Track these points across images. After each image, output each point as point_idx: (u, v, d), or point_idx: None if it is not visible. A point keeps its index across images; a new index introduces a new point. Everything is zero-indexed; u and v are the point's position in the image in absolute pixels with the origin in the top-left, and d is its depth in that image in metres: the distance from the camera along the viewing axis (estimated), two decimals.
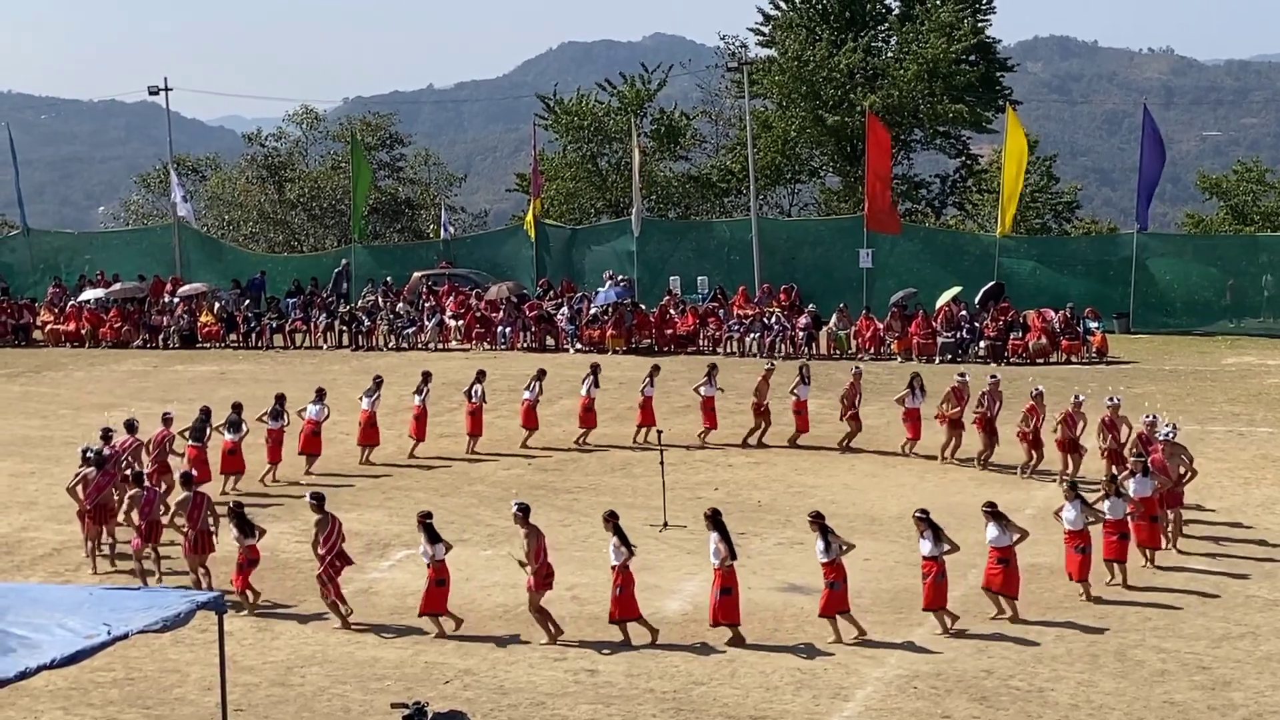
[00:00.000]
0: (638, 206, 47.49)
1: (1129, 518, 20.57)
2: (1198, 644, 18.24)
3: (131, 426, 25.30)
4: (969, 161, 58.26)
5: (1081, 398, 26.41)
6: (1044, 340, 38.75)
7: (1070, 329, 39.21)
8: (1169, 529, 22.17)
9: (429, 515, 19.21)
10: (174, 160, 58.45)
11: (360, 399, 28.89)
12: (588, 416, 29.79)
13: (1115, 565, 20.39)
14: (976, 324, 39.94)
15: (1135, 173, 46.97)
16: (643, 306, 43.09)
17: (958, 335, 39.56)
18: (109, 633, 12.99)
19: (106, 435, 24.79)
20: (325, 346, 43.78)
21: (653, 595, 19.98)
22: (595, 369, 30.41)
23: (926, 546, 18.61)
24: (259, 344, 44.23)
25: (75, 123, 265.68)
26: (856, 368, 30.35)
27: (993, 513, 19.13)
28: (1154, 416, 24.92)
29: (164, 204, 61.33)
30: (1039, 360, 38.20)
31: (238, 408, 26.91)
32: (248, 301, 46.37)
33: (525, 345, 42.21)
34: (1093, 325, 39.71)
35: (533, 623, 18.84)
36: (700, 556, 19.38)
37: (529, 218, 49.47)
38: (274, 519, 24.08)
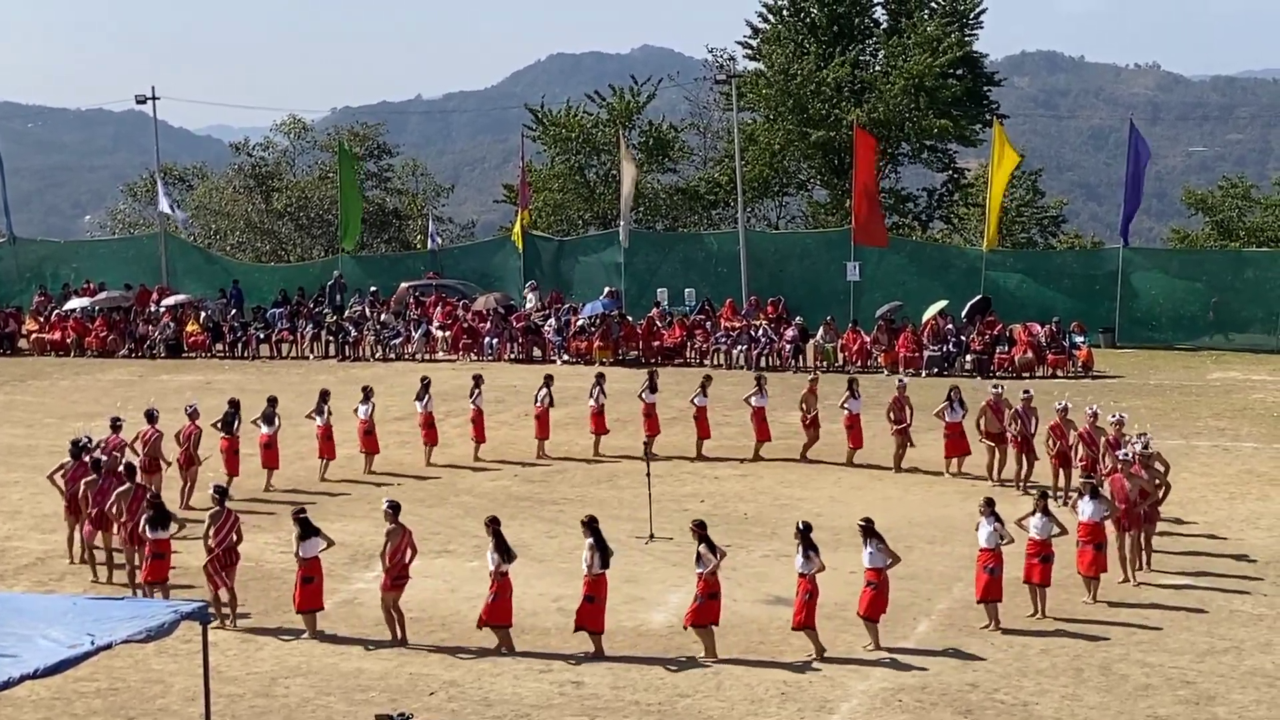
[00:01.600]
0: (625, 218, 47.50)
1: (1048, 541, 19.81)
2: (1182, 658, 18.26)
3: (151, 416, 25.87)
4: (956, 175, 58.35)
5: (1066, 404, 26.09)
6: (1030, 354, 38.80)
7: (1056, 343, 39.27)
8: (1143, 548, 21.90)
9: (302, 510, 19.58)
10: (161, 169, 58.35)
11: (355, 410, 28.88)
12: (598, 423, 29.77)
13: (1035, 589, 19.68)
14: (963, 337, 39.99)
15: (1121, 188, 47.06)
16: (629, 318, 43.11)
17: (944, 349, 39.60)
18: (92, 642, 12.96)
19: (115, 424, 25.31)
20: (311, 357, 43.71)
21: (637, 608, 19.99)
22: (601, 378, 30.44)
23: (867, 554, 18.57)
24: (245, 354, 44.17)
25: (62, 131, 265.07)
26: (901, 380, 29.51)
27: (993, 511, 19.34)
28: (1121, 416, 24.79)
29: (151, 213, 61.21)
30: (1025, 374, 38.21)
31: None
32: (234, 311, 46.28)
33: (512, 356, 42.18)
34: (1078, 339, 39.76)
35: (519, 633, 18.81)
36: (685, 569, 19.37)
37: (516, 229, 49.47)
38: (258, 529, 24.03)
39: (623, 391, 32.31)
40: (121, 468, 22.32)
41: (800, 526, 18.68)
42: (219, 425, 26.83)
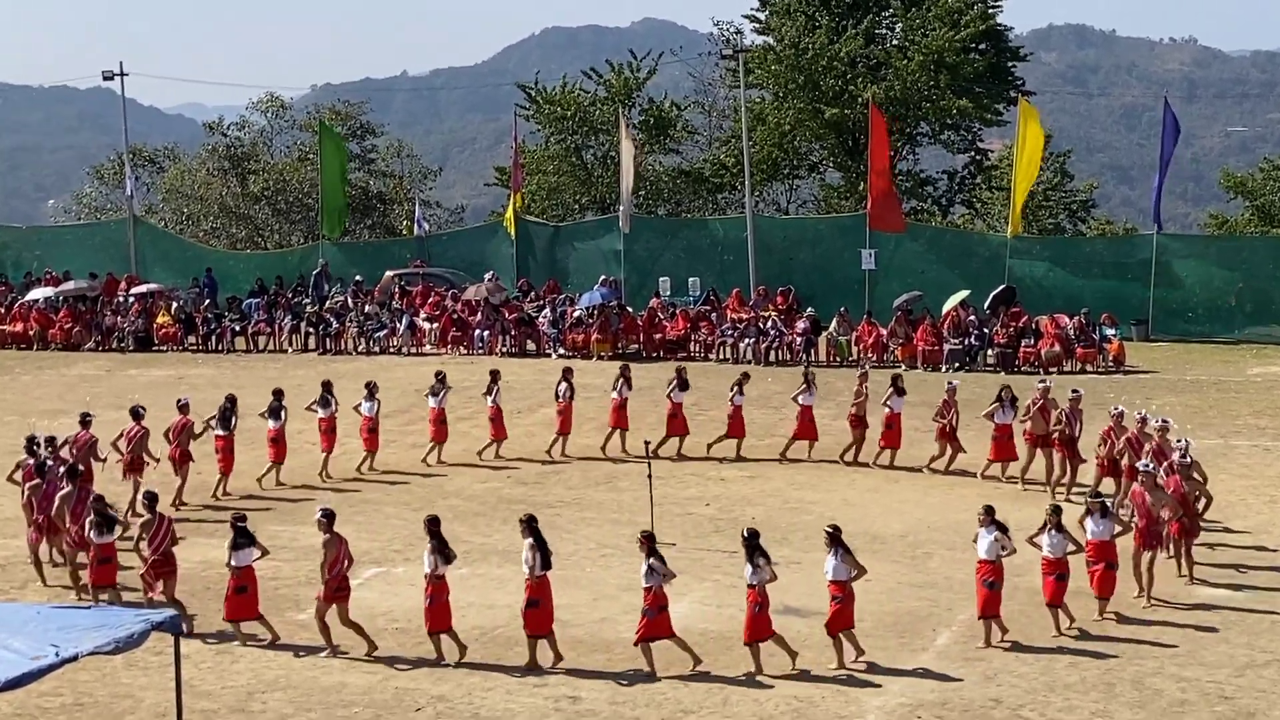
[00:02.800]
0: (626, 202, 47.49)
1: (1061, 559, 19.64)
2: (1220, 672, 18.26)
3: (137, 414, 26.25)
4: (978, 157, 58.36)
5: (1121, 410, 25.60)
6: (1057, 348, 38.78)
7: (1085, 336, 39.26)
8: (1183, 559, 21.83)
9: (242, 518, 19.74)
10: (130, 150, 58.35)
11: (358, 406, 29.02)
12: (619, 417, 29.75)
13: (1056, 610, 19.56)
14: (986, 330, 39.98)
15: (1155, 170, 47.09)
16: (630, 309, 43.08)
17: (965, 342, 39.60)
18: (57, 654, 12.97)
19: (85, 420, 25.64)
20: (290, 350, 43.71)
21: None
22: (626, 369, 30.44)
23: (830, 564, 18.50)
24: (219, 347, 44.15)
25: (24, 110, 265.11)
26: (951, 383, 28.76)
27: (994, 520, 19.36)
28: (1144, 414, 24.68)
29: (118, 197, 61.25)
30: (1051, 369, 38.18)
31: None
32: (207, 302, 46.28)
33: (504, 349, 42.18)
34: (1109, 332, 39.76)
35: (511, 644, 18.83)
36: (690, 576, 19.40)
37: (509, 214, 49.48)
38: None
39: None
40: (63, 470, 22.50)
41: (745, 534, 18.61)
42: (213, 422, 27.09)
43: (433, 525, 19.05)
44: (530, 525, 18.83)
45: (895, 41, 55.29)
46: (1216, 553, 23.09)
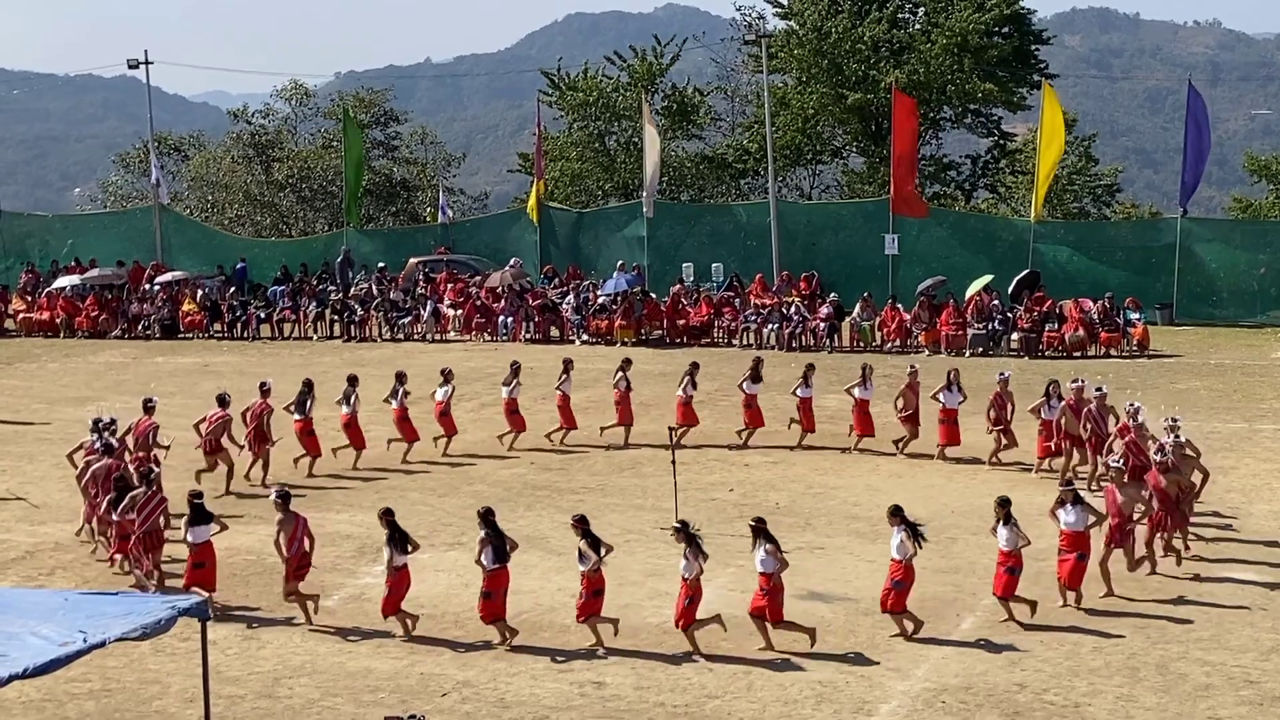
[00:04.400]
0: (650, 188, 47.46)
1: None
2: (1245, 656, 18.21)
3: (223, 400, 26.58)
4: (1001, 141, 58.18)
5: (1138, 405, 24.95)
6: (1081, 332, 38.68)
7: (1109, 320, 39.14)
8: (1176, 544, 21.64)
9: (199, 495, 20.22)
10: (155, 138, 58.50)
11: (433, 393, 29.17)
12: (687, 413, 29.46)
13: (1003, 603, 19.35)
14: (1009, 315, 39.89)
15: (1179, 154, 46.86)
16: (653, 295, 43.06)
17: (989, 327, 39.51)
18: (85, 640, 13.02)
19: (148, 405, 25.93)
20: (315, 337, 43.83)
21: (663, 603, 19.98)
22: (694, 367, 30.14)
23: (759, 557, 18.46)
24: (244, 334, 44.29)
25: (50, 99, 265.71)
26: (1003, 374, 28.01)
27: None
28: (1136, 405, 24.42)
29: (144, 185, 61.42)
30: (1076, 354, 38.14)
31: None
32: (233, 289, 46.38)
33: (528, 336, 42.22)
34: (1133, 316, 39.63)
35: (537, 630, 18.87)
36: (714, 561, 19.37)
37: (532, 201, 49.48)
38: (260, 520, 24.11)
39: (647, 374, 32.34)
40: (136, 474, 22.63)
41: (677, 524, 18.66)
42: (291, 407, 27.52)
43: (387, 516, 19.30)
44: (486, 519, 19.07)
45: (918, 25, 55.14)
46: (1240, 535, 23.02)
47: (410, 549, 19.26)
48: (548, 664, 18.24)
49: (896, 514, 18.92)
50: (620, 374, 29.74)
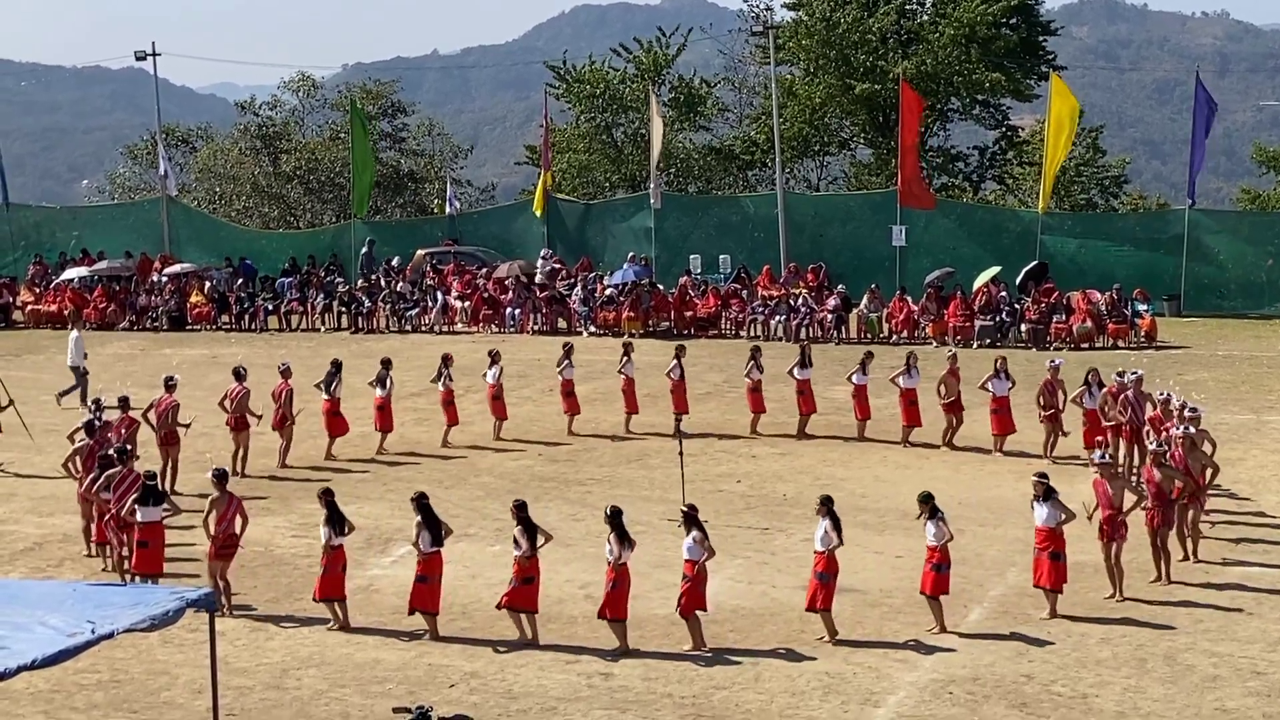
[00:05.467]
0: (656, 179, 47.44)
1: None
2: (1252, 648, 18.20)
3: (239, 374, 27.21)
4: (1009, 133, 58.07)
5: (1168, 394, 24.77)
6: (1089, 324, 38.64)
7: (1117, 311, 39.10)
8: (1189, 535, 21.54)
9: (152, 475, 20.92)
10: (163, 130, 58.49)
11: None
12: (757, 400, 29.55)
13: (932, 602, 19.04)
14: (1017, 306, 39.86)
15: (1187, 145, 46.79)
16: (660, 287, 43.04)
17: (997, 318, 39.48)
18: (93, 631, 13.01)
19: (169, 383, 26.48)
20: (323, 329, 43.86)
21: (671, 594, 19.95)
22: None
23: (686, 544, 18.41)
24: (252, 326, 44.32)
25: (57, 91, 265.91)
26: (1055, 362, 27.79)
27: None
28: (1168, 394, 24.38)
29: (152, 177, 61.39)
30: (1083, 345, 38.10)
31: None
32: (240, 281, 46.39)
33: (536, 328, 42.22)
34: (1141, 307, 39.58)
35: (544, 621, 18.88)
36: (722, 553, 19.38)
37: (538, 192, 49.45)
38: (267, 512, 24.15)
39: (650, 365, 32.34)
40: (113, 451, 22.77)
41: (608, 512, 18.65)
42: (321, 385, 28.16)
43: (326, 496, 19.58)
44: (419, 502, 19.25)
45: (926, 16, 55.03)
46: (1247, 527, 23.01)
47: (348, 530, 19.51)
48: (555, 655, 18.25)
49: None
50: (675, 362, 29.76)
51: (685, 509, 18.74)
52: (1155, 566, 20.55)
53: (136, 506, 20.11)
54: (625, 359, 29.99)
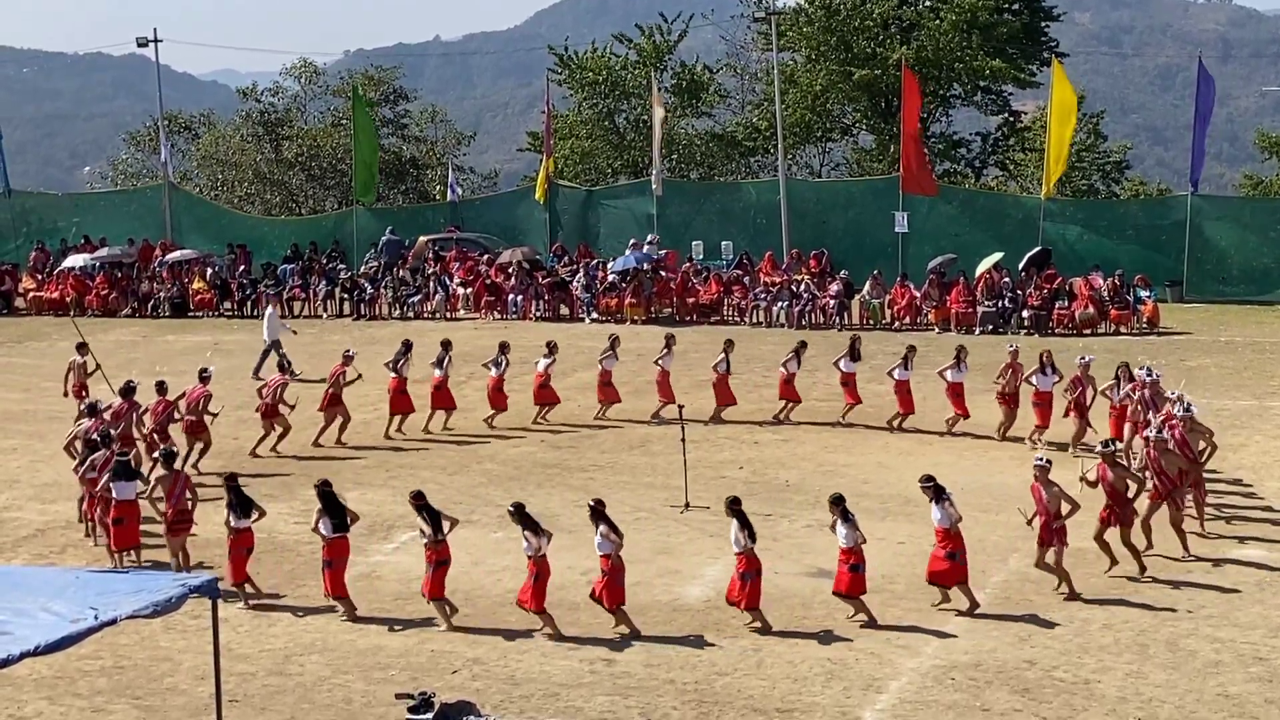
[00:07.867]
0: (658, 166, 47.40)
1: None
2: (1254, 633, 18.21)
3: (204, 375, 26.87)
4: (1011, 119, 58.01)
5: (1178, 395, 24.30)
6: (1091, 310, 38.63)
7: (1119, 298, 39.09)
8: (1196, 511, 21.57)
9: (125, 453, 21.56)
10: (164, 117, 58.43)
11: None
12: (789, 389, 29.37)
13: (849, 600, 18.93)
14: (1019, 292, 39.83)
15: (1189, 131, 46.76)
16: (663, 273, 42.99)
17: (999, 304, 39.46)
18: (96, 617, 13.04)
19: (203, 375, 26.63)
20: (325, 316, 43.84)
21: (672, 581, 20.03)
22: (802, 346, 29.86)
23: (596, 540, 18.46)
24: (255, 313, 44.28)
25: (59, 77, 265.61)
26: (1084, 358, 27.16)
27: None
28: (1180, 394, 24.23)
29: (153, 164, 61.37)
30: (1086, 331, 38.10)
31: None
32: (242, 267, 46.37)
33: (538, 315, 42.21)
34: (1143, 294, 39.55)
35: (554, 608, 18.89)
36: (723, 540, 19.39)
37: (540, 179, 49.40)
38: (270, 498, 24.13)
39: (654, 352, 32.31)
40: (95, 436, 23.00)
41: (511, 508, 18.71)
42: (389, 365, 28.81)
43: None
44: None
45: (928, 2, 54.95)
46: (1249, 513, 23.02)
47: (257, 515, 19.76)
48: (557, 641, 18.25)
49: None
50: (722, 356, 29.56)
51: (592, 503, 18.67)
52: (1111, 558, 20.30)
53: (111, 484, 20.69)
54: (666, 351, 29.77)
